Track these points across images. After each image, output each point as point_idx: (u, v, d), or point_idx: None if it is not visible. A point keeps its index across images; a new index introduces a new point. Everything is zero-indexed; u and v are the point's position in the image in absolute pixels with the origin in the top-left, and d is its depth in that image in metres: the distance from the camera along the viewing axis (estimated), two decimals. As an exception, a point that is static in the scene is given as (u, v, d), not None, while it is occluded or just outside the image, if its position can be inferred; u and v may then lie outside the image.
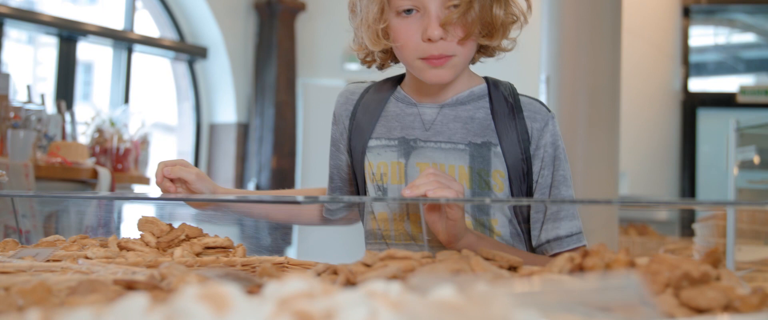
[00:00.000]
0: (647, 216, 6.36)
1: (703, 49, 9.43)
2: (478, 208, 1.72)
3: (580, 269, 1.13)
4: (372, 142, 1.81)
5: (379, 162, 1.79)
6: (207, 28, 6.90)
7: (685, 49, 8.27)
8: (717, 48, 9.64)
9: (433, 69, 1.66)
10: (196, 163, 7.06)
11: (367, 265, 1.22)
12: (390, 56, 1.80)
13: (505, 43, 1.73)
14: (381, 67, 1.84)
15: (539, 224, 1.73)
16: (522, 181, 1.71)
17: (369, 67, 1.85)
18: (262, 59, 7.01)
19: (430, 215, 1.52)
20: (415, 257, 1.23)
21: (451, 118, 1.75)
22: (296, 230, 6.43)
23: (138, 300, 0.68)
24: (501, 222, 1.72)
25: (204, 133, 7.14)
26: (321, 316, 0.66)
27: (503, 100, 1.75)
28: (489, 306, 0.60)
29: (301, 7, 7.15)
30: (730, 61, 9.52)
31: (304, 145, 7.13)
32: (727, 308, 0.98)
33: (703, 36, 9.54)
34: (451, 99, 1.77)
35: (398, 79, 1.87)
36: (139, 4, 6.73)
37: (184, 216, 2.05)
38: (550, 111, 1.78)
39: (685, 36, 8.29)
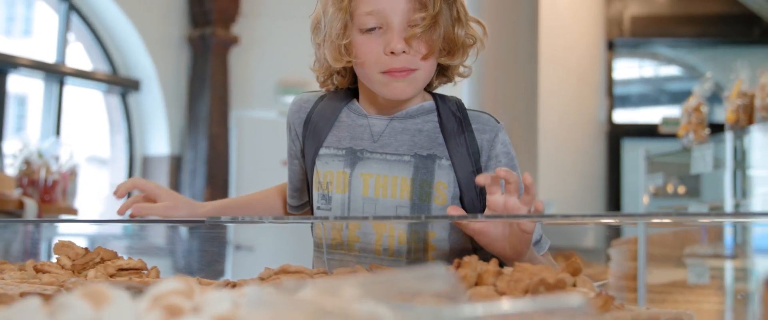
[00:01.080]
0: (575, 243, 6.54)
1: (627, 82, 9.73)
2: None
3: (454, 279, 1.24)
4: (322, 150, 1.82)
5: (326, 170, 1.81)
6: (140, 61, 6.95)
7: (610, 81, 8.53)
8: (642, 80, 9.95)
9: (394, 82, 1.68)
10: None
11: (263, 279, 1.32)
12: (348, 80, 1.84)
13: (462, 69, 1.78)
14: (337, 86, 1.87)
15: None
16: (476, 194, 1.72)
17: (327, 89, 1.89)
18: (195, 92, 7.08)
19: (491, 233, 1.53)
20: (308, 271, 1.34)
21: (399, 131, 1.77)
22: (230, 254, 6.47)
23: (33, 301, 0.78)
24: (439, 235, 1.73)
25: (137, 166, 7.16)
26: (189, 309, 0.76)
27: (451, 115, 1.76)
28: (334, 298, 0.71)
29: (235, 41, 7.23)
30: (654, 94, 9.83)
31: (237, 177, 7.18)
32: (576, 310, 1.11)
33: (627, 68, 9.85)
34: (400, 112, 1.79)
35: (352, 91, 1.88)
36: (71, 37, 6.76)
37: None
38: (498, 122, 1.79)
39: (609, 68, 8.55)
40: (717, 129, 4.52)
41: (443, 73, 1.80)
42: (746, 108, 3.94)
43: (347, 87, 1.88)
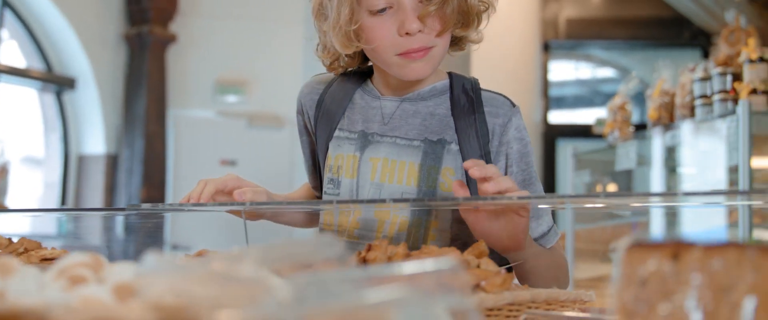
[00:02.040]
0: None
1: (563, 83, 9.91)
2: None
3: (364, 261, 1.30)
4: (336, 133, 1.76)
5: (337, 154, 1.75)
6: (75, 59, 6.89)
7: (545, 83, 8.68)
8: (577, 82, 10.14)
9: (412, 63, 1.61)
10: (64, 195, 7.01)
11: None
12: (358, 61, 1.76)
13: (474, 36, 1.70)
14: (344, 69, 1.80)
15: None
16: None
17: (337, 73, 1.80)
18: (132, 90, 7.04)
19: (486, 221, 1.48)
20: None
21: (411, 113, 1.71)
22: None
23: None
24: (441, 225, 1.66)
25: (72, 165, 7.10)
26: (92, 279, 0.80)
27: (464, 96, 1.70)
28: (232, 265, 0.76)
29: (172, 39, 7.21)
30: (589, 95, 10.02)
31: (175, 177, 7.16)
32: (477, 287, 1.17)
33: (562, 70, 10.03)
34: (412, 93, 1.72)
35: (366, 72, 1.81)
36: (5, 34, 6.68)
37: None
38: (514, 105, 1.71)
39: (544, 70, 8.70)
40: (642, 127, 4.65)
41: (455, 43, 1.71)
42: (667, 106, 4.07)
43: (359, 67, 1.81)
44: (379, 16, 1.59)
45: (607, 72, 10.46)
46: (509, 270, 1.53)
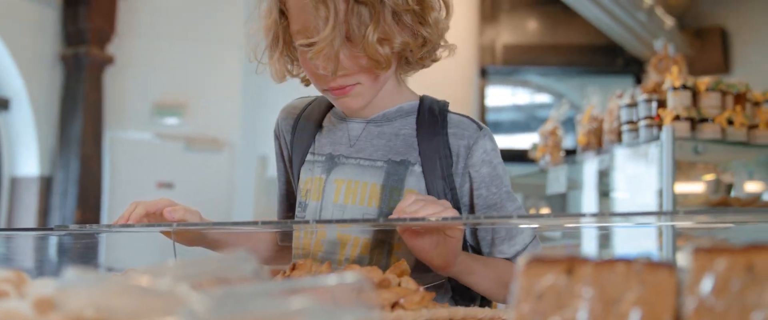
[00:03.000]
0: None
1: (500, 109, 10.06)
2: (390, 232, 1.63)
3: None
4: (308, 157, 1.77)
5: (307, 177, 1.75)
6: (10, 80, 6.81)
7: (482, 108, 8.80)
8: (514, 107, 10.29)
9: (339, 98, 1.61)
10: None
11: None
12: None
13: (430, 55, 1.64)
14: (307, 85, 1.76)
15: (489, 244, 1.65)
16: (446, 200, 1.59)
17: (307, 85, 1.75)
18: (68, 111, 6.97)
19: (418, 240, 1.46)
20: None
21: (375, 135, 1.70)
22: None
23: None
24: (404, 247, 1.60)
25: (4, 187, 7.00)
26: (14, 294, 0.82)
27: (431, 118, 1.67)
28: (152, 279, 0.79)
29: (110, 61, 7.17)
30: (525, 120, 10.19)
31: (110, 199, 7.10)
32: (396, 305, 1.22)
33: (500, 95, 10.18)
34: (377, 115, 1.70)
35: None
36: (-63, 54, 6.59)
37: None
38: (482, 128, 1.67)
39: (482, 95, 8.82)
40: (573, 152, 4.75)
41: (409, 61, 1.65)
42: (596, 131, 4.18)
43: None
44: (304, 51, 1.57)
45: (543, 97, 10.64)
46: (430, 289, 1.56)
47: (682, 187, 4.01)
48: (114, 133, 7.24)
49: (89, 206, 6.89)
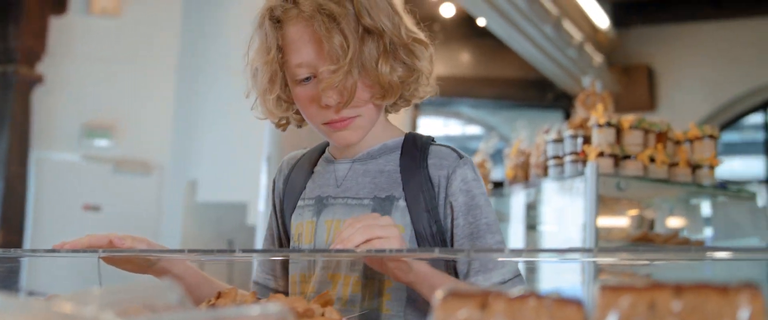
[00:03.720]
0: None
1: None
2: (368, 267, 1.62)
3: (213, 308, 1.35)
4: (299, 203, 1.77)
5: (298, 222, 1.75)
6: (-66, 97, 6.67)
7: (414, 138, 8.86)
8: (446, 138, 10.40)
9: (337, 132, 1.63)
10: None
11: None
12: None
13: (420, 91, 1.67)
14: (300, 126, 1.76)
15: (464, 274, 1.62)
16: (433, 235, 1.62)
17: (284, 129, 1.79)
18: (-6, 130, 6.85)
19: (371, 261, 1.49)
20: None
21: (361, 173, 1.70)
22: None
23: None
24: (395, 283, 1.60)
25: (-75, 205, 6.83)
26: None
27: (414, 152, 1.67)
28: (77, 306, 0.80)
29: (39, 80, 7.06)
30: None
31: (35, 220, 6.96)
32: (319, 334, 1.24)
33: (432, 126, 10.28)
34: (362, 153, 1.71)
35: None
36: None
37: None
38: (462, 157, 1.66)
39: (414, 126, 8.89)
40: (502, 184, 4.83)
41: (402, 97, 1.67)
42: (524, 165, 4.26)
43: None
44: (305, 85, 1.60)
45: (474, 129, 10.79)
46: (359, 318, 1.59)
47: (606, 221, 4.11)
48: (41, 154, 7.12)
49: (13, 227, 6.74)
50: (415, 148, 1.68)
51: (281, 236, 1.85)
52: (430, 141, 1.71)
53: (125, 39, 7.43)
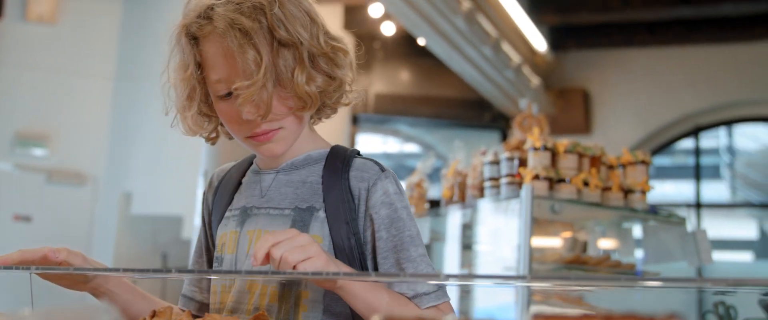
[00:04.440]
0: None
1: (370, 156, 10.18)
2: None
3: (148, 327, 1.35)
4: (226, 214, 1.78)
5: (222, 232, 1.75)
6: None
7: (353, 155, 8.88)
8: (384, 155, 10.44)
9: (262, 145, 1.63)
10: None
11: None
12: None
13: (343, 98, 1.69)
14: (230, 138, 1.75)
15: (389, 284, 1.61)
16: (351, 247, 1.62)
17: (213, 143, 1.78)
18: None
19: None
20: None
21: (284, 183, 1.71)
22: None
23: None
24: (312, 296, 1.62)
25: None
26: None
27: (336, 163, 1.68)
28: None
29: (-29, 87, 6.93)
30: (395, 169, 10.33)
31: (-38, 230, 6.81)
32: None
33: (370, 143, 10.31)
34: (285, 163, 1.72)
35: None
36: None
37: None
38: (384, 170, 1.67)
39: (352, 142, 8.92)
40: (438, 203, 4.86)
41: (325, 105, 1.68)
42: (461, 186, 4.30)
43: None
44: (225, 101, 1.60)
45: (412, 147, 10.84)
46: None
47: (540, 242, 4.16)
48: (-30, 162, 6.97)
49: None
50: (338, 160, 1.68)
51: (210, 248, 1.86)
52: (354, 153, 1.72)
53: (61, 47, 7.33)
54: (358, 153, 1.74)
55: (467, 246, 4.44)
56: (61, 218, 7.11)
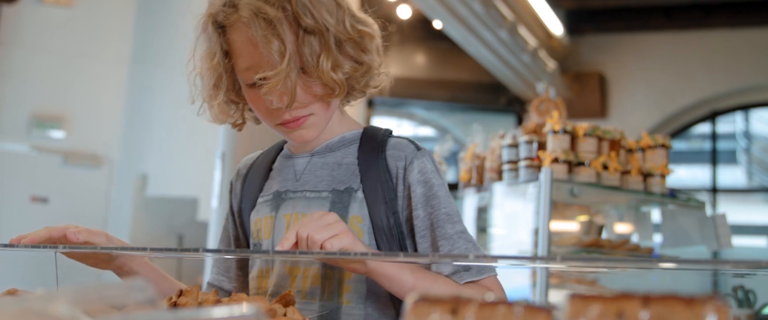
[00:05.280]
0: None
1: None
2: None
3: (175, 306, 1.34)
4: (258, 200, 1.77)
5: (256, 218, 1.75)
6: None
7: (368, 138, 8.88)
8: (399, 139, 10.41)
9: (293, 132, 1.64)
10: None
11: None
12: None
13: (373, 80, 1.68)
14: (258, 123, 1.75)
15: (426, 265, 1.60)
16: (390, 226, 1.62)
17: (240, 129, 1.78)
18: (-60, 119, 6.72)
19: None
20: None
21: (319, 166, 1.71)
22: None
23: None
24: (355, 276, 1.61)
25: None
26: None
27: (373, 144, 1.68)
28: (47, 304, 0.80)
29: (-13, 69, 6.95)
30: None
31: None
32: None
33: (386, 126, 10.29)
34: (320, 146, 1.72)
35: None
36: None
37: None
38: (420, 148, 1.66)
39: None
40: (456, 186, 4.85)
41: (353, 89, 1.68)
42: (479, 169, 4.29)
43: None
44: (254, 89, 1.60)
45: (427, 131, 10.82)
46: (320, 318, 1.59)
47: (557, 226, 4.15)
48: (-13, 143, 7.01)
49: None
50: (374, 140, 1.68)
51: (239, 237, 1.85)
52: (388, 133, 1.72)
53: (78, 30, 7.33)
54: (391, 132, 1.73)
55: (482, 229, 4.43)
56: (77, 199, 7.14)
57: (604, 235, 4.38)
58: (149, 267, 1.75)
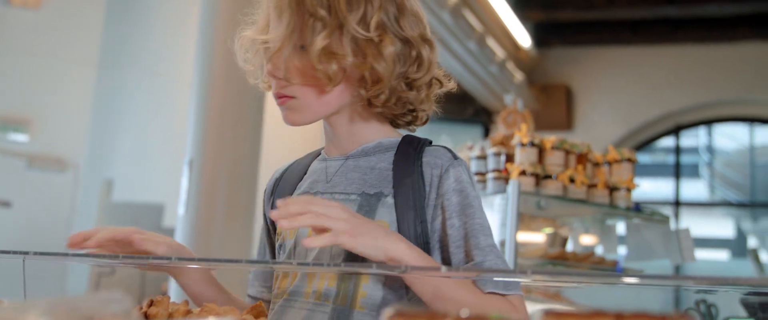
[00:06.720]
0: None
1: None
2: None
3: (145, 316, 1.34)
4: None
5: None
6: None
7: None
8: (366, 147, 10.43)
9: (283, 111, 1.64)
10: None
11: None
12: None
13: (418, 108, 1.65)
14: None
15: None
16: (417, 235, 1.58)
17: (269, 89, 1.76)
18: None
19: (318, 230, 1.43)
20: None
21: (351, 169, 1.67)
22: None
23: None
24: (371, 281, 1.59)
25: None
26: None
27: (409, 150, 1.64)
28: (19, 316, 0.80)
29: (-48, 70, 6.87)
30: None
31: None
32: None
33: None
34: (356, 150, 1.68)
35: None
36: None
37: None
38: (456, 158, 1.62)
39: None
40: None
41: (410, 109, 1.65)
42: (446, 180, 4.30)
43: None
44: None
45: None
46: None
47: (523, 237, 4.18)
48: (-50, 146, 6.92)
49: None
50: (411, 147, 1.65)
51: (273, 250, 1.83)
52: (427, 141, 1.69)
53: (45, 33, 7.28)
54: (430, 142, 1.69)
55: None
56: (41, 204, 7.07)
57: (570, 247, 4.41)
58: (206, 275, 1.76)
